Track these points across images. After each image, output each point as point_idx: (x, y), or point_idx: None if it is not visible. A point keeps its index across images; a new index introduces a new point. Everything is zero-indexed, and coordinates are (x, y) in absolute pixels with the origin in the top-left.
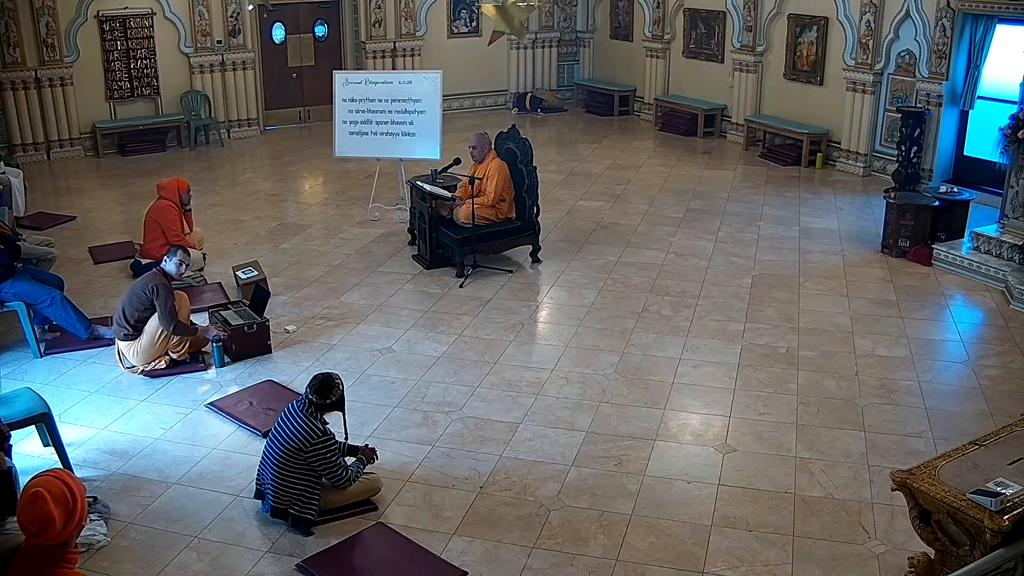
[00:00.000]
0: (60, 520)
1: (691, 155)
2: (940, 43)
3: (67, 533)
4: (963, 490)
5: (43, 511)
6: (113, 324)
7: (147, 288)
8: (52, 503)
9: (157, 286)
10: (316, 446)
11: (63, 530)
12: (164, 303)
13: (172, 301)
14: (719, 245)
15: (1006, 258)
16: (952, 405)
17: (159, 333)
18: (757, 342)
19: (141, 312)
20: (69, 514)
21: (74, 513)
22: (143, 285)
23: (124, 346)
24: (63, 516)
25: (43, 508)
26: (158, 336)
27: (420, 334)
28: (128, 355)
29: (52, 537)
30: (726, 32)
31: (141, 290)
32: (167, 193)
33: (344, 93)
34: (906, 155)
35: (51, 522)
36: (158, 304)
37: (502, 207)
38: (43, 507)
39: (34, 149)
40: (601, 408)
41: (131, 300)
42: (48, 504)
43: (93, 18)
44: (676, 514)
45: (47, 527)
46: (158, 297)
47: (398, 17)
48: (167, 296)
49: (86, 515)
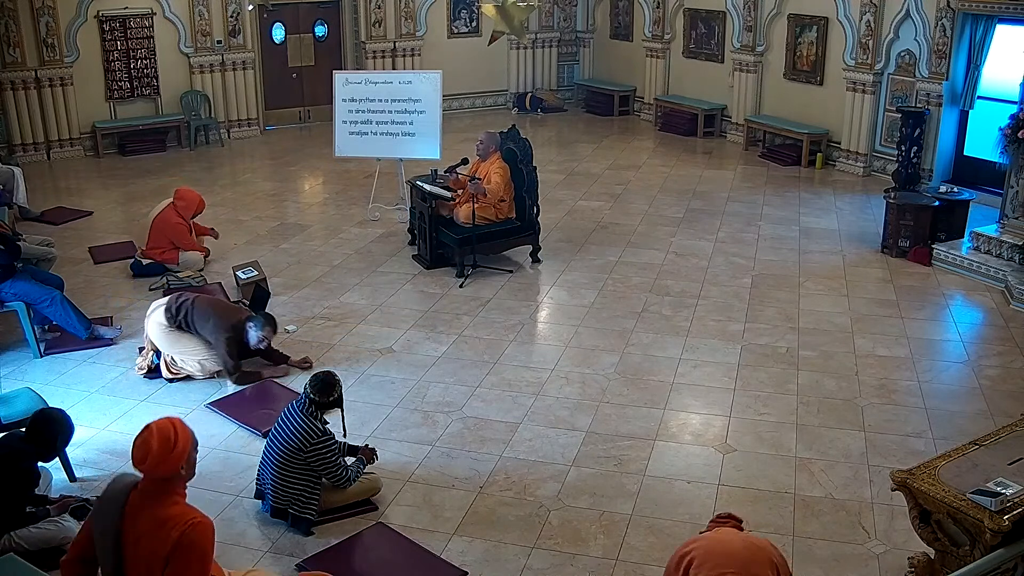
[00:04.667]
0: (158, 451)
1: (691, 155)
2: (940, 43)
3: (165, 466)
4: (963, 490)
5: (145, 440)
6: (167, 307)
7: (220, 334)
8: (155, 436)
9: (229, 339)
10: (316, 446)
11: (161, 462)
12: (232, 360)
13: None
14: (719, 245)
15: (1006, 258)
16: (952, 405)
17: (208, 367)
18: (757, 342)
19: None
20: (168, 450)
21: (173, 448)
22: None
23: (168, 335)
24: (161, 448)
25: (146, 438)
26: (206, 369)
27: (420, 334)
28: (160, 338)
29: (149, 466)
30: (726, 32)
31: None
32: (184, 206)
33: (344, 93)
34: (906, 155)
35: (149, 452)
36: (222, 354)
37: (502, 207)
38: (146, 437)
39: (34, 149)
40: (601, 408)
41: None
42: (152, 436)
43: (93, 18)
44: (676, 514)
45: (146, 455)
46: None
47: (398, 17)
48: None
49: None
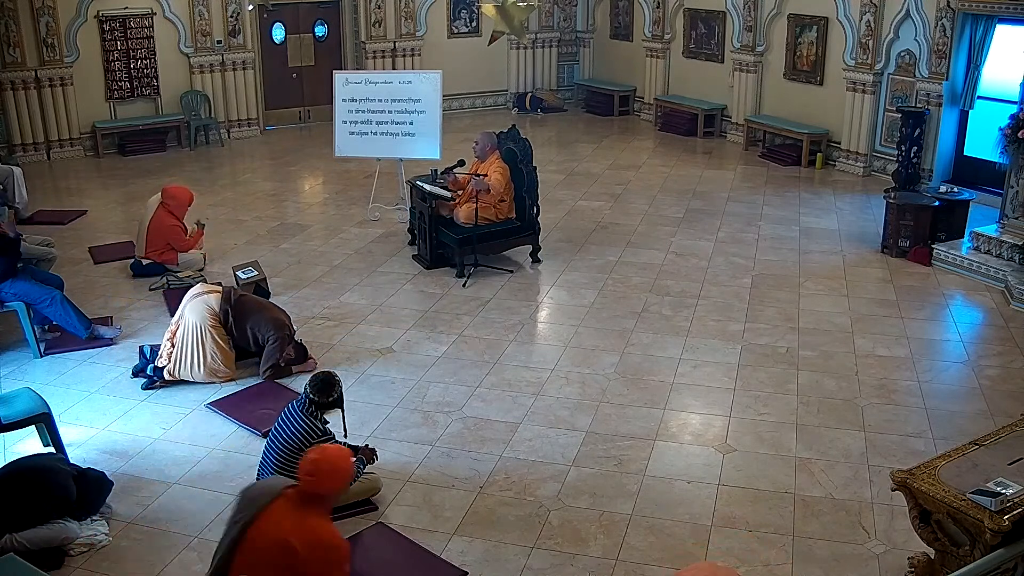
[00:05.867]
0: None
1: (691, 155)
2: (940, 43)
3: (325, 487)
4: (963, 490)
5: (313, 459)
6: (224, 296)
7: (278, 331)
8: (328, 457)
9: (281, 339)
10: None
11: (321, 481)
12: (274, 350)
13: (285, 351)
14: (719, 245)
15: (1006, 258)
16: (952, 405)
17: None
18: (757, 342)
19: (246, 329)
20: (331, 472)
21: (335, 474)
22: (274, 323)
23: (209, 319)
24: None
25: (315, 458)
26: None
27: (420, 334)
28: (199, 328)
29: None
30: (726, 32)
31: (268, 321)
32: (175, 206)
33: (344, 93)
34: (906, 155)
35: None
36: (270, 347)
37: (502, 207)
38: (315, 457)
39: (34, 149)
40: (601, 408)
41: (253, 316)
42: (320, 456)
43: (93, 18)
44: (676, 514)
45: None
46: (271, 345)
47: (398, 17)
48: (280, 346)
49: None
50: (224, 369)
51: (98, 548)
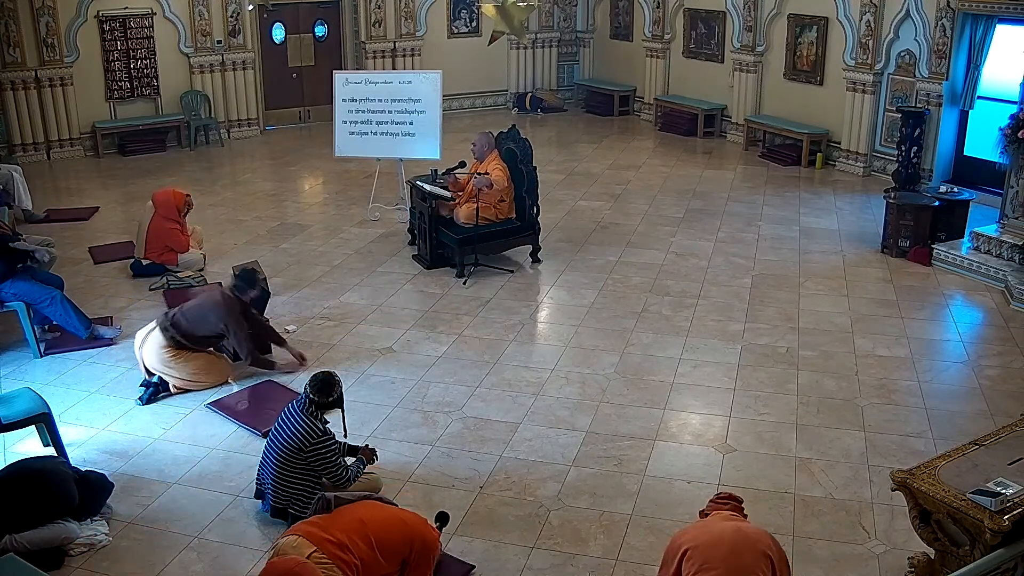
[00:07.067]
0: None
1: (691, 155)
2: (940, 43)
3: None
4: (963, 490)
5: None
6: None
7: (220, 320)
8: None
9: (228, 324)
10: (316, 445)
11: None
12: (242, 337)
13: (246, 331)
14: (719, 245)
15: (1006, 258)
16: (952, 405)
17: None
18: (757, 342)
19: (206, 336)
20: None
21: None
22: (216, 315)
23: (165, 353)
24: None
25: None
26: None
27: (420, 334)
28: (162, 363)
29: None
30: (726, 32)
31: (215, 319)
32: (165, 211)
33: (344, 93)
34: (906, 155)
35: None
36: (235, 339)
37: (502, 207)
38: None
39: (34, 149)
40: (601, 408)
41: (198, 322)
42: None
43: (93, 18)
44: (676, 514)
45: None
46: (235, 335)
47: (398, 17)
48: (241, 328)
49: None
50: (211, 378)
51: (98, 548)
